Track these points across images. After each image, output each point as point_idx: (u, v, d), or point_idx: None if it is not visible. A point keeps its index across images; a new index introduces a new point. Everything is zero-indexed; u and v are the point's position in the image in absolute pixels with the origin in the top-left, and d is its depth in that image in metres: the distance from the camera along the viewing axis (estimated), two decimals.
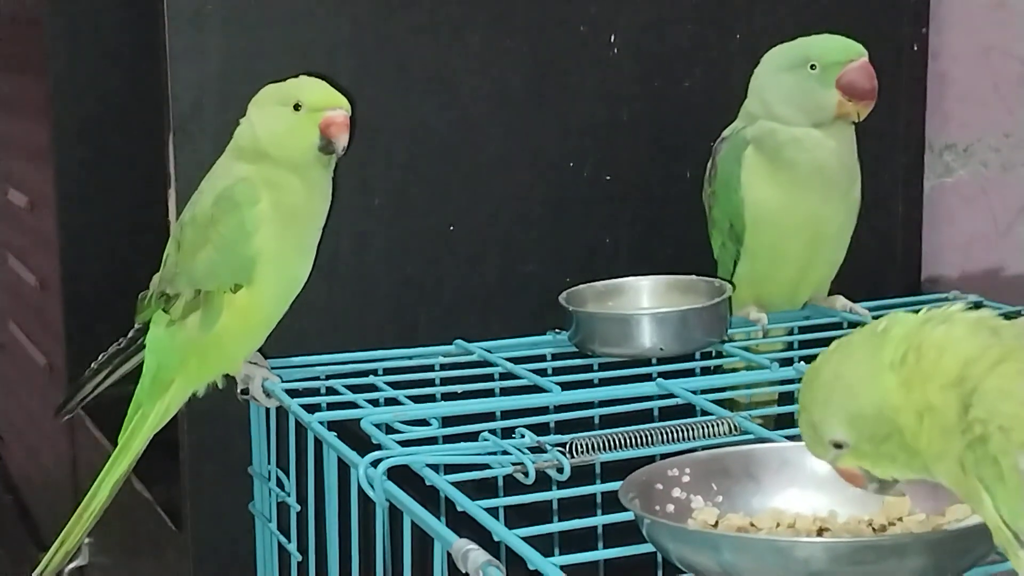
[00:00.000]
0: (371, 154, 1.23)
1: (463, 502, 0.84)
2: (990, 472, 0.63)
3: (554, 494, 0.90)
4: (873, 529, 0.74)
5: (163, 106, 1.19)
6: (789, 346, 1.26)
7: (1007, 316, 1.23)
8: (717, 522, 0.76)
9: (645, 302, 1.23)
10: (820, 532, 0.74)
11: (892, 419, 0.68)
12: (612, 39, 1.32)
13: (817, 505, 0.77)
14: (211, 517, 1.24)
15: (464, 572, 0.76)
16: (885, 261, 1.46)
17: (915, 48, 1.45)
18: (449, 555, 0.78)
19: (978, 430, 0.64)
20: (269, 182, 1.10)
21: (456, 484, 0.87)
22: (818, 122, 1.21)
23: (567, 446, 0.92)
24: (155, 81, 1.21)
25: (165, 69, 1.18)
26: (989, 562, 0.70)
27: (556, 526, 0.86)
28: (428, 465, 0.91)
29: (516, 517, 0.89)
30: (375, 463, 0.90)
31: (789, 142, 1.22)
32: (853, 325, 1.25)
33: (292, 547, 1.12)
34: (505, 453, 0.91)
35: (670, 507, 0.77)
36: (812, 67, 1.20)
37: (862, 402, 0.68)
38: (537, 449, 0.92)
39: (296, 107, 1.10)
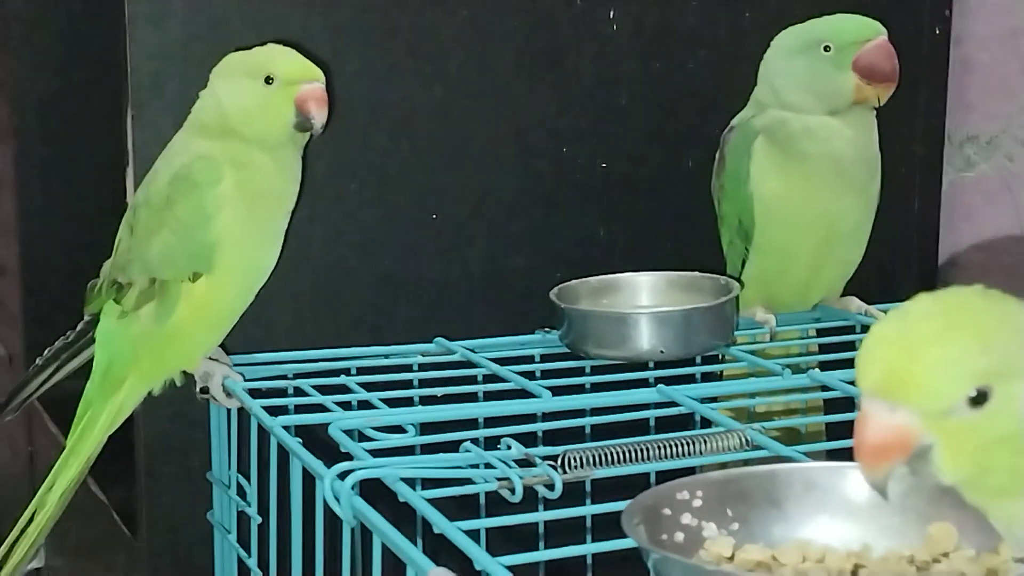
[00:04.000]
0: (347, 134, 1.17)
1: (440, 523, 0.76)
2: None
3: (542, 515, 0.84)
4: (916, 567, 0.65)
5: (121, 78, 1.13)
6: (798, 351, 1.19)
7: None
8: (733, 554, 0.67)
9: (644, 300, 1.16)
10: (855, 571, 0.65)
11: None
12: (611, 15, 1.27)
13: (849, 537, 0.69)
14: (168, 524, 1.18)
15: None
16: (900, 260, 1.41)
17: (937, 32, 1.39)
18: None
19: None
20: (234, 160, 1.03)
21: (435, 499, 0.79)
22: (834, 109, 1.15)
23: (559, 459, 0.84)
24: (116, 54, 1.15)
25: (123, 37, 1.12)
26: None
27: (545, 554, 0.78)
28: (402, 479, 0.82)
29: (500, 537, 0.81)
30: (343, 475, 0.82)
31: (802, 132, 1.16)
32: (867, 329, 1.17)
33: (252, 562, 1.04)
34: (489, 466, 0.83)
35: (679, 535, 0.68)
36: (826, 49, 1.14)
37: None
38: (525, 462, 0.84)
39: (268, 80, 1.03)
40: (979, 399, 0.57)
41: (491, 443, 0.89)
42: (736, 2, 1.30)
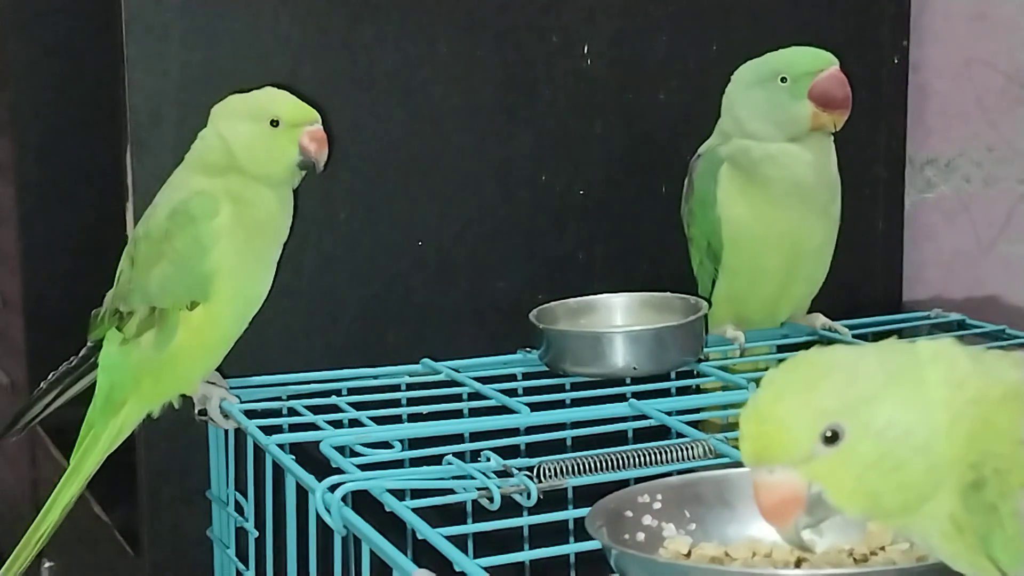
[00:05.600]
0: (336, 167, 1.19)
1: (423, 529, 0.80)
2: (986, 520, 0.59)
3: (524, 520, 0.87)
4: (855, 559, 0.70)
5: (121, 117, 1.16)
6: (767, 365, 1.23)
7: (989, 335, 1.21)
8: (690, 552, 0.72)
9: (618, 320, 1.20)
10: (798, 563, 0.71)
11: (932, 447, 0.60)
12: (585, 49, 1.30)
13: None
14: (169, 542, 1.20)
15: None
16: (865, 279, 1.44)
17: (896, 61, 1.43)
18: None
19: (970, 476, 0.59)
20: (234, 196, 1.07)
21: (422, 510, 0.84)
22: (793, 136, 1.19)
23: (534, 470, 0.88)
24: (115, 93, 1.18)
25: (123, 78, 1.15)
26: None
27: (524, 555, 0.82)
28: (389, 490, 0.87)
29: (487, 545, 0.86)
30: (333, 488, 0.86)
31: (764, 159, 1.20)
32: (832, 343, 1.22)
33: (250, 574, 1.08)
34: (469, 478, 0.88)
35: (640, 536, 0.73)
36: (783, 80, 1.18)
37: (902, 412, 0.60)
38: (503, 473, 0.89)
39: (274, 123, 1.07)
40: (833, 437, 0.61)
41: (474, 457, 0.93)
42: (703, 36, 1.33)
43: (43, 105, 1.67)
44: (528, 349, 1.19)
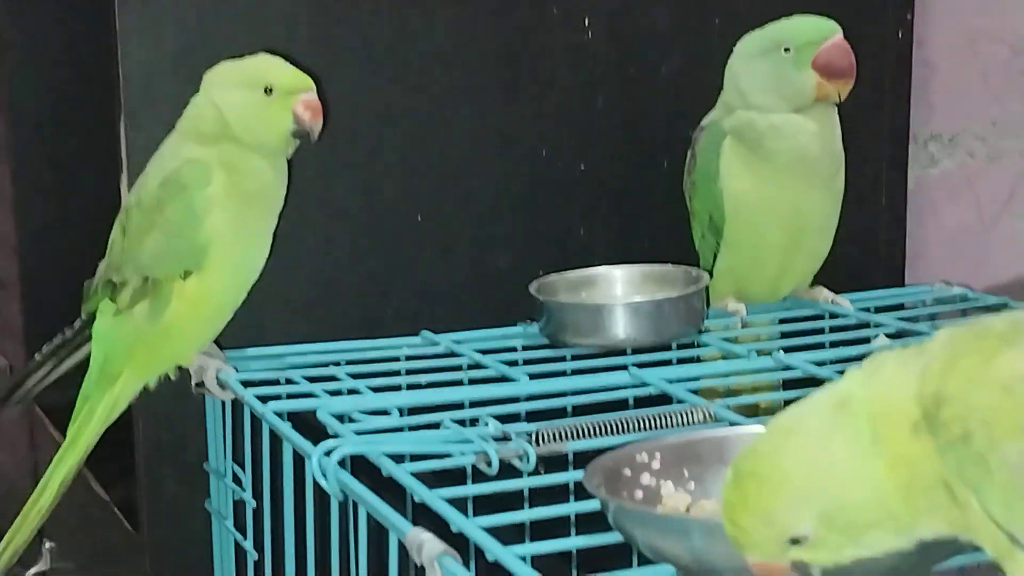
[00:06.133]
0: (335, 139, 1.18)
1: (419, 491, 0.80)
2: (976, 472, 0.58)
3: (524, 482, 0.86)
4: None
5: (114, 88, 1.15)
6: (768, 338, 1.23)
7: (991, 308, 1.20)
8: (688, 509, 0.71)
9: (619, 292, 1.19)
10: None
11: (886, 505, 0.61)
12: (586, 22, 1.29)
13: None
14: (168, 516, 1.20)
15: (419, 564, 0.71)
16: (869, 253, 1.42)
17: (900, 35, 1.41)
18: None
19: (957, 429, 0.59)
20: (228, 164, 1.06)
21: (420, 475, 0.83)
22: (798, 106, 1.18)
23: (533, 435, 0.87)
24: (108, 64, 1.16)
25: (115, 49, 1.14)
26: None
27: (521, 514, 0.81)
28: (387, 455, 0.86)
29: (489, 509, 0.84)
30: (329, 452, 0.86)
31: (768, 130, 1.19)
32: (834, 316, 1.22)
33: (248, 545, 1.08)
34: (468, 442, 0.87)
35: (639, 494, 0.73)
36: (786, 50, 1.17)
37: (853, 494, 0.61)
38: (502, 439, 0.88)
39: (268, 91, 1.06)
40: (798, 541, 0.62)
41: (473, 424, 0.92)
42: (706, 8, 1.32)
43: (38, 86, 1.66)
44: (529, 322, 1.18)
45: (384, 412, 0.96)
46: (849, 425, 0.62)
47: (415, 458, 0.87)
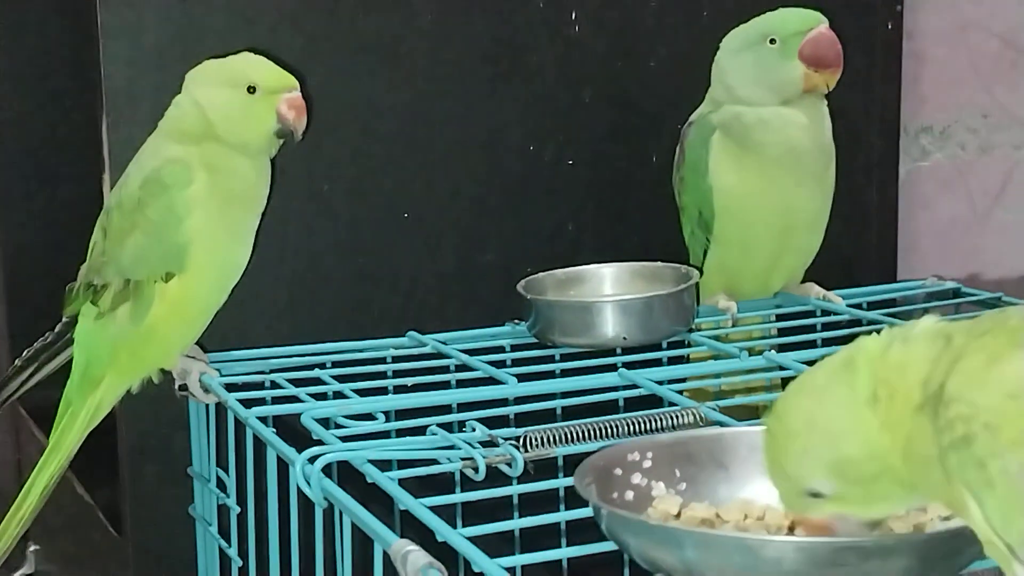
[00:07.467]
0: (319, 136, 1.17)
1: (404, 499, 0.78)
2: (976, 477, 0.57)
3: (513, 489, 0.85)
4: None
5: (96, 87, 1.14)
6: (760, 335, 1.22)
7: (985, 302, 1.19)
8: (680, 512, 0.70)
9: (608, 290, 1.18)
10: (791, 527, 0.68)
11: (882, 458, 0.62)
12: (573, 15, 1.28)
13: None
14: (152, 521, 1.19)
15: None
16: (860, 248, 1.42)
17: (889, 27, 1.40)
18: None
19: (960, 429, 0.58)
20: (210, 164, 1.05)
21: (406, 482, 0.81)
22: (786, 98, 1.17)
23: (520, 440, 0.86)
24: (90, 63, 1.15)
25: (97, 47, 1.13)
26: None
27: (509, 524, 0.80)
28: (372, 462, 0.85)
29: (476, 517, 0.84)
30: (313, 459, 0.84)
31: (756, 124, 1.18)
32: (827, 313, 1.21)
33: (232, 551, 1.06)
34: (454, 448, 0.85)
35: (629, 494, 0.71)
36: (772, 42, 1.17)
37: (847, 448, 0.63)
38: (489, 443, 0.87)
39: (251, 90, 1.05)
40: (818, 494, 0.64)
41: (461, 429, 0.91)
42: (694, 3, 1.31)
43: (19, 84, 1.64)
44: (516, 321, 1.17)
45: (370, 416, 0.95)
46: (848, 382, 0.63)
47: (401, 464, 0.85)
